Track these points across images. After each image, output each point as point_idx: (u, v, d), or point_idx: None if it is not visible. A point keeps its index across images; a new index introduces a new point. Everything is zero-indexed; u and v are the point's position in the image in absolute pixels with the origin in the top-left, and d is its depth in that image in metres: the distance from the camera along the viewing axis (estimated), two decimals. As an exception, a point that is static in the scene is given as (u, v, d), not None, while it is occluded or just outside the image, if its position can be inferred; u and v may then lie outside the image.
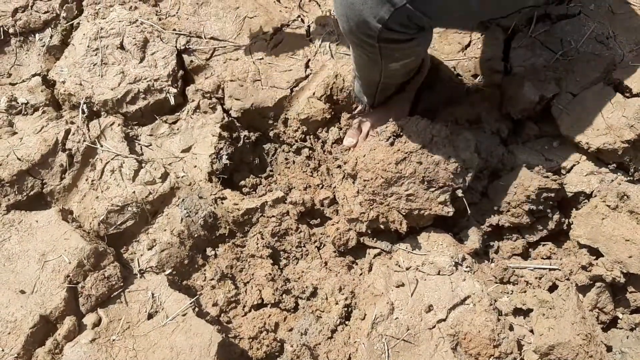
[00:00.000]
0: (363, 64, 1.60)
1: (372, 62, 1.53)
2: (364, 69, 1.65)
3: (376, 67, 1.55)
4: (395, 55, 1.48)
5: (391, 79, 1.66)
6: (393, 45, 1.40)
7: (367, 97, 1.80)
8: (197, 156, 1.82)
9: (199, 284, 1.68)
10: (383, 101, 1.81)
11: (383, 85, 1.69)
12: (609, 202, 1.58)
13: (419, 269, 1.62)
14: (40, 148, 1.71)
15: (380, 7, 1.28)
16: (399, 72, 1.62)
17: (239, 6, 2.01)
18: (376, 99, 1.78)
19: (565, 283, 1.59)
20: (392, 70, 1.57)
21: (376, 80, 1.65)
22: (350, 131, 1.87)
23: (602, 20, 1.83)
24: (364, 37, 1.38)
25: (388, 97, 1.80)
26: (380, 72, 1.58)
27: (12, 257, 1.57)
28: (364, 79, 1.73)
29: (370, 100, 1.80)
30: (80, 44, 1.90)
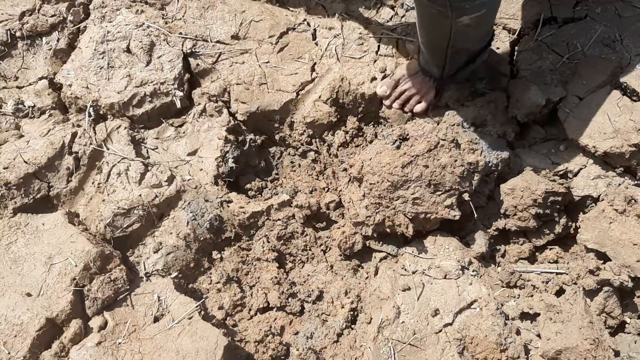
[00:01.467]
0: (432, 22, 1.56)
1: (441, 18, 1.49)
2: (433, 29, 1.60)
3: (445, 22, 1.50)
4: (465, 7, 1.44)
5: (463, 39, 1.59)
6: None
7: (436, 68, 1.75)
8: (203, 159, 1.82)
9: (204, 287, 1.68)
10: (453, 73, 1.76)
11: (453, 49, 1.63)
12: (616, 206, 1.57)
13: (425, 272, 1.62)
14: (47, 151, 1.72)
15: None
16: (471, 32, 1.56)
17: (244, 10, 2.01)
18: (445, 69, 1.73)
19: (572, 287, 1.59)
20: (462, 26, 1.51)
21: (445, 40, 1.59)
22: (388, 80, 1.86)
23: (609, 23, 1.83)
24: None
25: (459, 68, 1.74)
26: (450, 28, 1.53)
27: (18, 259, 1.58)
28: (432, 45, 1.67)
29: (439, 71, 1.75)
30: (87, 47, 1.90)
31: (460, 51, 1.67)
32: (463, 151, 1.66)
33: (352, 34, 1.97)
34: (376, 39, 1.96)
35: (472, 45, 1.68)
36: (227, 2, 2.02)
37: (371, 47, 1.95)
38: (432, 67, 1.76)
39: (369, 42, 1.96)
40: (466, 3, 1.43)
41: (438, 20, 1.52)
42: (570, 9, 1.88)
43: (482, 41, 1.69)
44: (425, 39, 1.68)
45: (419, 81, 1.81)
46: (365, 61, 1.93)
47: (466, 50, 1.69)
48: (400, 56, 1.94)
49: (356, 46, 1.95)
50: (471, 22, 1.50)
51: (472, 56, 1.72)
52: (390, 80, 1.85)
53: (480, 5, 1.45)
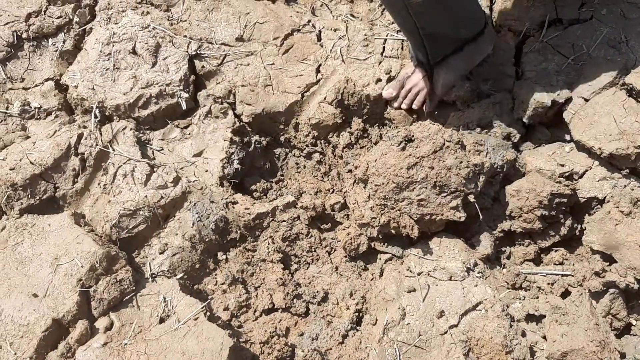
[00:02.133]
0: (388, 3, 1.58)
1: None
2: (391, 10, 1.62)
3: (399, 3, 1.52)
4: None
5: (429, 23, 1.60)
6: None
7: (420, 53, 1.75)
8: (209, 161, 1.82)
9: (210, 288, 1.68)
10: (441, 59, 1.75)
11: (425, 32, 1.63)
12: (622, 208, 1.57)
13: (431, 274, 1.62)
14: (53, 152, 1.72)
15: None
16: (432, 12, 1.56)
17: (249, 12, 2.02)
18: (429, 52, 1.73)
19: (578, 289, 1.58)
20: (416, 5, 1.51)
21: (412, 24, 1.61)
22: (393, 83, 1.87)
23: (614, 25, 1.82)
24: None
25: (446, 55, 1.75)
26: (407, 10, 1.54)
27: (25, 260, 1.58)
28: (405, 30, 1.69)
29: (424, 56, 1.76)
30: (93, 48, 1.91)
31: (436, 36, 1.67)
32: (468, 153, 1.66)
33: (357, 36, 1.97)
34: (381, 40, 1.96)
35: (446, 29, 1.67)
36: (231, 4, 2.03)
37: (376, 48, 1.95)
38: (417, 53, 1.77)
39: (374, 43, 1.96)
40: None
41: (392, 2, 1.54)
42: (575, 10, 1.88)
43: (458, 26, 1.68)
44: (395, 21, 1.70)
45: (420, 76, 1.81)
46: (371, 63, 1.93)
47: (443, 35, 1.68)
48: (405, 57, 1.94)
49: (361, 48, 1.96)
50: (423, 2, 1.50)
51: (457, 43, 1.72)
52: (395, 82, 1.86)
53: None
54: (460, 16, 1.66)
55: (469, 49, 1.74)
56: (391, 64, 1.92)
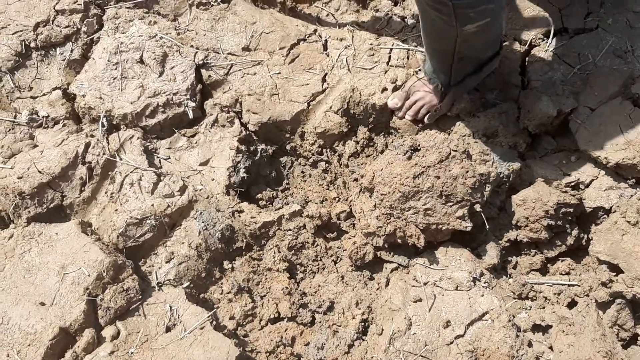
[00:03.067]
0: (437, 31, 1.57)
1: (446, 26, 1.49)
2: (439, 38, 1.61)
3: (451, 31, 1.51)
4: (470, 15, 1.45)
5: (469, 47, 1.60)
6: (467, 1, 1.39)
7: (443, 75, 1.75)
8: (215, 169, 1.83)
9: (216, 297, 1.69)
10: (460, 80, 1.76)
11: (460, 56, 1.63)
12: (629, 218, 1.57)
13: (437, 284, 1.62)
14: (61, 161, 1.73)
15: None
16: (477, 39, 1.57)
17: (255, 21, 2.03)
18: (452, 76, 1.73)
19: (584, 299, 1.58)
20: (467, 34, 1.52)
21: (451, 50, 1.60)
22: (399, 93, 1.87)
23: (620, 34, 1.83)
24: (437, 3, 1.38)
25: (466, 75, 1.75)
26: (455, 38, 1.54)
27: (32, 269, 1.59)
28: (438, 53, 1.68)
29: (446, 78, 1.75)
30: (101, 58, 1.92)
31: (467, 58, 1.67)
32: (474, 162, 1.66)
33: (363, 45, 1.98)
34: (387, 50, 1.97)
35: (479, 52, 1.69)
36: (238, 14, 2.04)
37: (382, 58, 1.96)
38: (439, 74, 1.77)
39: (379, 53, 1.96)
40: (470, 11, 1.43)
41: (443, 29, 1.53)
42: (581, 20, 1.89)
43: (489, 49, 1.70)
44: (431, 47, 1.69)
45: (428, 90, 1.82)
46: (376, 72, 1.94)
47: (473, 57, 1.69)
48: (410, 67, 1.94)
49: (367, 57, 1.96)
50: (477, 29, 1.50)
51: (480, 64, 1.73)
52: (400, 92, 1.86)
53: (484, 13, 1.46)
54: (494, 39, 1.68)
55: (486, 68, 1.76)
56: (397, 73, 1.93)
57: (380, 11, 2.09)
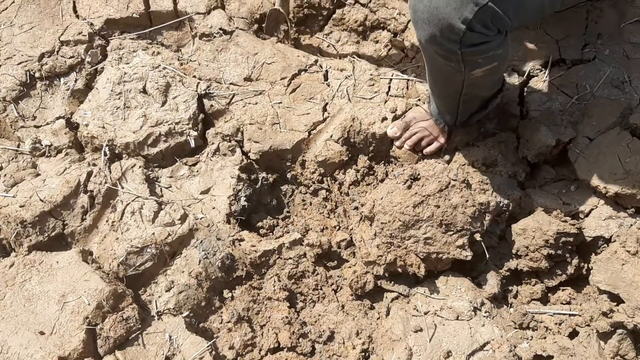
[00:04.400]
0: (444, 76, 1.59)
1: (454, 72, 1.52)
2: (446, 82, 1.63)
3: (458, 76, 1.54)
4: (478, 61, 1.48)
5: (475, 88, 1.63)
6: (476, 48, 1.41)
7: (449, 115, 1.78)
8: (216, 198, 1.84)
9: (215, 327, 1.68)
10: (467, 118, 1.79)
11: (466, 97, 1.66)
12: (628, 248, 1.57)
13: (438, 313, 1.61)
14: (63, 189, 1.74)
15: (464, 6, 1.31)
16: (483, 81, 1.60)
17: (257, 52, 2.06)
18: (459, 115, 1.76)
19: (586, 329, 1.57)
20: (475, 78, 1.54)
21: (458, 91, 1.63)
22: (398, 122, 1.89)
23: (617, 65, 1.85)
24: (447, 43, 1.39)
25: (472, 114, 1.77)
26: (463, 81, 1.56)
27: (32, 297, 1.59)
28: (445, 95, 1.71)
29: (452, 118, 1.78)
30: (104, 88, 1.95)
31: (473, 99, 1.70)
32: (474, 191, 1.67)
33: (363, 75, 2.01)
34: (387, 80, 2.00)
35: (485, 92, 1.71)
36: (240, 45, 2.07)
37: (382, 88, 1.98)
38: (445, 115, 1.79)
39: (379, 83, 1.99)
40: (479, 57, 1.46)
41: (451, 75, 1.55)
42: (578, 51, 1.91)
43: (494, 87, 1.73)
44: (437, 91, 1.72)
45: (429, 124, 1.84)
46: (376, 102, 1.96)
47: (479, 97, 1.72)
48: (410, 97, 1.97)
49: (367, 87, 1.99)
50: (484, 73, 1.53)
51: (484, 102, 1.75)
52: (401, 122, 1.88)
53: (493, 58, 1.49)
54: (500, 78, 1.71)
55: (490, 105, 1.78)
56: (396, 102, 1.95)
57: (380, 42, 2.13)
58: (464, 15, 1.33)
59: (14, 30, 2.07)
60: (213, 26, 2.10)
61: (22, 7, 2.11)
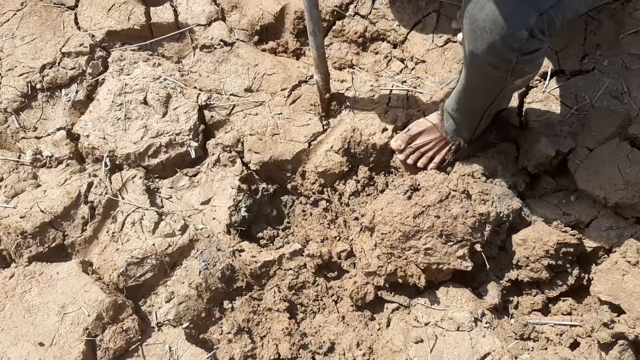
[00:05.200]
0: (484, 89, 1.59)
1: (497, 83, 1.51)
2: (482, 95, 1.63)
3: (498, 88, 1.53)
4: (525, 69, 1.47)
5: (503, 101, 1.64)
6: (530, 56, 1.41)
7: (467, 131, 1.78)
8: (216, 208, 1.84)
9: (215, 338, 1.67)
10: (480, 135, 1.79)
11: (490, 112, 1.67)
12: (629, 258, 1.57)
13: (438, 324, 1.61)
14: (63, 200, 1.75)
15: (529, 14, 1.32)
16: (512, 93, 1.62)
17: (257, 63, 2.07)
18: (477, 129, 1.77)
19: (587, 340, 1.57)
20: (512, 89, 1.55)
21: (487, 105, 1.63)
22: (402, 135, 1.89)
23: (616, 75, 1.86)
24: (507, 52, 1.38)
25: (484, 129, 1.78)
26: (499, 93, 1.56)
27: (32, 309, 1.59)
28: (471, 111, 1.71)
29: (469, 134, 1.79)
30: (105, 99, 1.95)
31: (493, 112, 1.72)
32: (474, 202, 1.67)
33: (364, 86, 2.01)
34: (387, 91, 2.00)
35: (504, 104, 1.74)
36: (240, 56, 2.08)
37: (382, 99, 1.99)
38: (463, 132, 1.79)
39: (379, 94, 1.99)
40: (527, 66, 1.46)
41: (491, 87, 1.55)
42: (577, 62, 1.92)
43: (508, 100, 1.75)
44: (465, 108, 1.71)
45: (435, 139, 1.84)
46: (377, 112, 1.96)
47: (496, 110, 1.74)
48: (410, 107, 1.97)
49: (367, 98, 1.99)
50: (521, 84, 1.55)
51: (496, 115, 1.77)
52: (404, 135, 1.88)
53: (536, 67, 1.50)
54: None
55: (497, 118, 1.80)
56: (397, 113, 1.96)
57: (379, 54, 2.14)
58: (528, 23, 1.32)
59: (15, 42, 2.08)
60: (214, 38, 2.11)
61: (23, 19, 2.12)
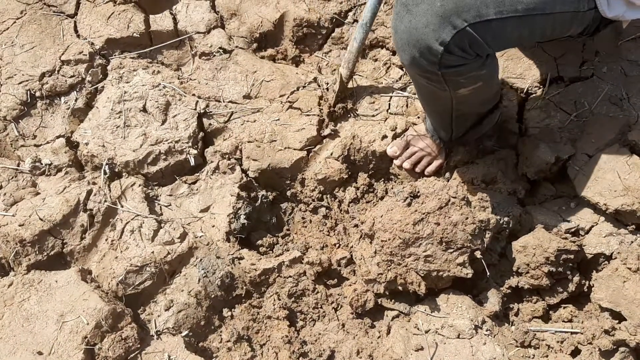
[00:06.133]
0: (430, 95, 1.61)
1: (440, 91, 1.53)
2: (434, 101, 1.65)
3: (444, 94, 1.55)
4: (460, 81, 1.49)
5: (466, 105, 1.64)
6: (455, 69, 1.42)
7: (444, 132, 1.79)
8: (216, 216, 1.84)
9: (215, 346, 1.67)
10: (462, 134, 1.79)
11: (458, 114, 1.67)
12: (629, 265, 1.56)
13: (439, 332, 1.60)
14: (62, 208, 1.74)
15: (442, 29, 1.32)
16: (471, 100, 1.61)
17: (256, 70, 2.07)
18: (453, 131, 1.76)
19: (588, 347, 1.56)
20: (462, 97, 1.56)
21: (448, 108, 1.64)
22: (398, 141, 1.90)
23: (615, 82, 1.86)
24: (427, 64, 1.40)
25: (467, 130, 1.78)
26: (451, 100, 1.57)
27: (30, 317, 1.58)
28: (435, 113, 1.72)
29: (447, 135, 1.79)
30: (104, 106, 1.95)
31: (465, 115, 1.71)
32: (474, 209, 1.67)
33: (363, 93, 2.01)
34: (387, 98, 2.00)
35: (477, 109, 1.72)
36: (239, 63, 2.08)
37: (382, 106, 1.99)
38: (440, 132, 1.80)
39: (379, 101, 2.00)
40: (460, 78, 1.47)
41: (437, 94, 1.57)
42: (576, 68, 1.92)
43: (488, 104, 1.73)
44: (428, 109, 1.74)
45: (428, 143, 1.85)
46: (376, 119, 1.96)
47: (472, 113, 1.73)
48: (410, 114, 1.97)
49: (367, 105, 1.99)
50: (471, 92, 1.54)
51: (479, 118, 1.76)
52: (400, 141, 1.88)
53: (476, 78, 1.50)
54: (491, 96, 1.72)
55: (486, 120, 1.79)
56: (396, 120, 1.95)
57: (379, 61, 2.14)
58: (442, 38, 1.34)
59: (15, 50, 2.09)
60: (213, 45, 2.12)
61: (23, 27, 2.12)
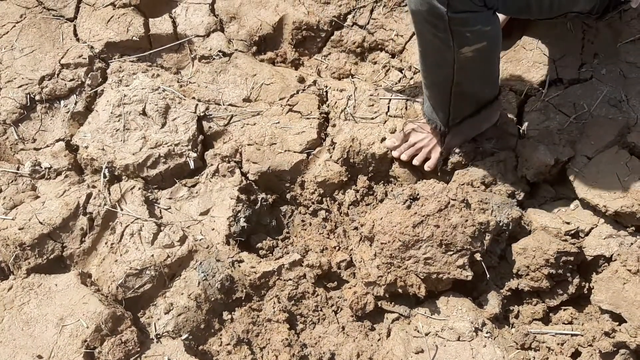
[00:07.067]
0: (434, 53, 1.60)
1: (444, 47, 1.53)
2: (435, 66, 1.65)
3: (448, 53, 1.55)
4: (466, 34, 1.49)
5: (467, 78, 1.63)
6: (463, 15, 1.43)
7: (442, 113, 1.77)
8: (215, 219, 1.84)
9: (214, 349, 1.67)
10: (459, 121, 1.78)
11: (457, 89, 1.66)
12: (629, 267, 1.56)
13: (439, 334, 1.60)
14: (62, 212, 1.74)
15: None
16: (475, 67, 1.61)
17: (255, 73, 2.07)
18: (451, 113, 1.75)
19: (588, 349, 1.56)
20: (465, 59, 1.56)
21: (449, 79, 1.63)
22: (397, 134, 1.89)
23: (614, 84, 1.86)
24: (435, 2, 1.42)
25: (464, 117, 1.77)
26: (453, 63, 1.57)
27: (30, 321, 1.58)
28: (435, 85, 1.71)
29: (445, 117, 1.77)
30: (104, 110, 1.96)
31: (465, 95, 1.70)
32: (474, 211, 1.67)
33: (363, 96, 2.02)
34: (386, 100, 2.01)
35: (476, 87, 1.70)
36: (238, 66, 2.08)
37: (381, 108, 1.99)
38: (438, 112, 1.78)
39: (379, 103, 2.00)
40: (466, 30, 1.48)
41: (441, 51, 1.56)
42: (575, 71, 1.92)
43: (486, 85, 1.72)
44: (429, 80, 1.72)
45: (426, 134, 1.84)
46: (376, 122, 1.97)
47: (471, 95, 1.71)
48: (409, 117, 1.97)
49: (366, 107, 2.00)
50: (473, 54, 1.54)
51: (478, 105, 1.75)
52: (399, 133, 1.89)
53: (481, 35, 1.51)
54: (491, 75, 1.71)
55: (484, 112, 1.78)
56: (395, 123, 1.96)
57: (378, 63, 2.14)
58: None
59: (14, 53, 2.09)
60: (212, 48, 2.12)
61: (22, 30, 2.13)
